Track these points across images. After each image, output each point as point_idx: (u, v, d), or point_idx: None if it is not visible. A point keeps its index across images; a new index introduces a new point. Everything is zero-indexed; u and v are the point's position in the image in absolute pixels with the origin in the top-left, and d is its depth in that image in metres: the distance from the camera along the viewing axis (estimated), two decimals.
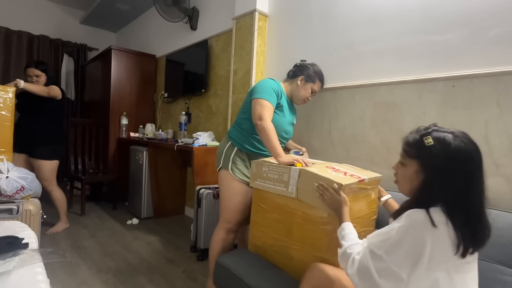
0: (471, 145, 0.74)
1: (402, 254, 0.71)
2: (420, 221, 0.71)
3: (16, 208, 1.61)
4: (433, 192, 0.74)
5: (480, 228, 0.73)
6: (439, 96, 1.38)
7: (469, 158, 0.73)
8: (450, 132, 0.76)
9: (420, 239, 0.70)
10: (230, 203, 1.54)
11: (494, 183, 1.21)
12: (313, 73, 1.61)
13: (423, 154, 0.77)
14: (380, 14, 1.62)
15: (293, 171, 1.21)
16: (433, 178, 0.75)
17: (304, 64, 1.65)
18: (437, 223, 0.69)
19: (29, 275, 0.86)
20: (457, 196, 0.72)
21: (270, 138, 1.38)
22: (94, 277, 1.80)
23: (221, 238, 1.56)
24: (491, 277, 0.98)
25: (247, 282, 1.20)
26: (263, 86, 1.48)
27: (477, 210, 0.73)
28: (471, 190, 0.73)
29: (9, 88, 1.92)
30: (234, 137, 1.57)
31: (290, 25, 2.13)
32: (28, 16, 4.01)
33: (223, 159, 1.56)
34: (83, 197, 2.97)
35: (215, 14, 2.79)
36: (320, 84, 1.66)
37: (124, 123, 3.37)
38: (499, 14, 1.23)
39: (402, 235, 0.72)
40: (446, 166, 0.73)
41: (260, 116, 1.41)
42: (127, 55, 3.45)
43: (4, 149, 1.86)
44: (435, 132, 0.77)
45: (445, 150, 0.74)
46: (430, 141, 0.75)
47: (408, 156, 0.81)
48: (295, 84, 1.61)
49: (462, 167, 0.73)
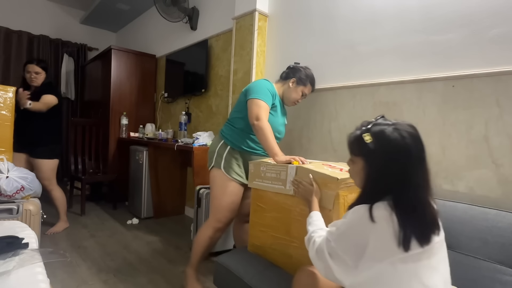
0: (410, 139, 0.74)
1: (347, 245, 0.76)
2: (361, 217, 0.73)
3: (16, 208, 1.61)
4: (375, 186, 0.76)
5: (424, 222, 0.72)
6: (439, 96, 1.38)
7: (407, 152, 0.73)
8: (392, 125, 0.76)
9: (362, 234, 0.73)
10: (223, 202, 1.55)
11: (494, 183, 1.21)
12: (305, 77, 1.64)
13: (364, 151, 0.79)
14: (380, 14, 1.62)
15: (290, 169, 1.23)
16: (374, 173, 0.77)
17: (296, 67, 1.67)
18: (377, 219, 0.71)
19: (29, 275, 0.86)
20: (398, 190, 0.73)
21: (268, 138, 1.40)
22: (94, 277, 1.80)
23: (208, 236, 1.57)
24: (491, 277, 0.98)
25: (247, 282, 1.20)
26: (259, 87, 1.50)
27: (420, 203, 0.73)
28: (411, 184, 0.73)
29: (9, 88, 1.92)
30: (227, 135, 1.58)
31: (290, 25, 2.13)
32: (28, 16, 4.01)
33: (216, 158, 1.57)
34: (83, 197, 2.97)
35: (215, 14, 2.79)
36: (311, 88, 1.69)
37: (124, 123, 3.37)
38: (499, 14, 1.23)
39: (346, 229, 0.77)
40: (384, 161, 0.74)
41: (257, 116, 1.42)
42: (127, 55, 3.45)
43: (4, 148, 1.86)
44: (375, 127, 0.78)
45: (383, 146, 0.75)
46: (368, 138, 0.77)
47: (352, 153, 0.84)
48: (286, 86, 1.63)
49: (399, 161, 0.73)
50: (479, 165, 1.25)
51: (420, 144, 0.75)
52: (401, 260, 0.71)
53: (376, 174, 0.77)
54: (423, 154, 0.75)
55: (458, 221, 1.10)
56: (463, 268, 1.03)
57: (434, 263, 0.74)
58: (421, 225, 0.72)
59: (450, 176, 1.33)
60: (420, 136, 0.76)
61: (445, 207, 1.16)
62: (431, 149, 1.39)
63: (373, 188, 0.77)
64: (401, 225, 0.70)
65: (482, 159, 1.25)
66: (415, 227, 0.70)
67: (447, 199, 1.21)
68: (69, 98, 4.38)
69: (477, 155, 1.26)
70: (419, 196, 0.73)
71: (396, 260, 0.71)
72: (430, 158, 1.39)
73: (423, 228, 0.72)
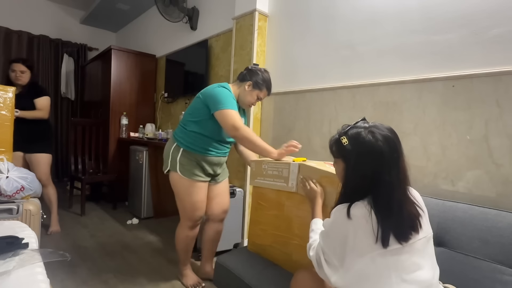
0: (383, 141, 0.77)
1: (332, 245, 0.81)
2: (340, 216, 0.78)
3: (16, 208, 1.61)
4: (353, 186, 0.81)
5: (401, 220, 0.75)
6: (439, 96, 1.38)
7: (379, 154, 0.76)
8: (368, 128, 0.80)
9: (342, 232, 0.78)
10: (187, 203, 1.59)
11: (494, 183, 1.21)
12: (262, 81, 1.60)
13: (342, 153, 0.84)
14: (380, 14, 1.62)
15: (293, 166, 1.24)
16: (351, 173, 0.81)
17: (254, 69, 1.64)
18: (354, 216, 0.75)
19: (29, 275, 0.86)
20: (375, 189, 0.76)
21: (255, 142, 1.42)
22: (94, 277, 1.80)
23: (185, 235, 1.66)
24: (491, 277, 0.98)
25: (247, 282, 1.20)
26: (224, 96, 1.47)
27: (396, 202, 0.75)
28: (385, 184, 0.76)
29: (9, 88, 1.92)
30: (179, 138, 1.57)
31: (290, 25, 2.13)
32: (28, 16, 4.01)
33: (170, 161, 1.58)
34: (83, 197, 2.97)
35: (215, 14, 2.79)
36: (267, 92, 1.64)
37: (124, 123, 3.37)
38: (499, 14, 1.23)
39: (329, 229, 0.84)
40: (359, 161, 0.79)
41: (235, 126, 1.41)
42: (127, 55, 3.44)
43: (4, 148, 1.86)
44: (352, 130, 0.82)
45: (357, 147, 0.79)
46: (345, 141, 0.82)
47: (333, 155, 0.89)
48: (243, 88, 1.61)
49: (373, 162, 0.77)
50: (479, 165, 1.25)
51: (394, 146, 0.78)
52: (380, 255, 0.74)
53: (353, 174, 0.81)
54: (396, 155, 0.78)
55: (458, 221, 1.10)
56: (463, 268, 1.03)
57: (417, 260, 0.77)
58: (398, 223, 0.75)
59: (450, 176, 1.33)
60: (394, 139, 0.79)
61: (445, 207, 1.16)
62: (431, 149, 1.40)
63: (351, 188, 0.81)
64: (379, 223, 0.73)
65: (482, 159, 1.24)
66: (392, 225, 0.74)
67: (447, 199, 1.21)
68: (69, 98, 4.39)
69: (477, 155, 1.26)
70: (394, 195, 0.76)
71: (376, 255, 0.74)
72: (430, 158, 1.40)
73: (400, 226, 0.75)
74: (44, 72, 4.12)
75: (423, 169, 1.42)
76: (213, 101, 1.46)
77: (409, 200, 0.79)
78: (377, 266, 0.74)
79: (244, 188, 2.22)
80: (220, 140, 1.57)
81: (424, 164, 1.42)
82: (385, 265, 0.74)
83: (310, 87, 1.96)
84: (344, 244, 0.77)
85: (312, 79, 1.97)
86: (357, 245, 0.76)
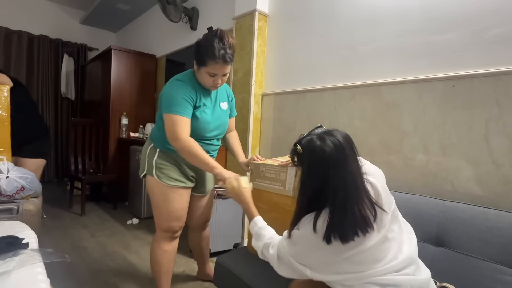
0: (331, 147, 0.79)
1: (299, 251, 0.84)
2: (308, 230, 0.80)
3: (16, 208, 1.60)
4: (308, 194, 0.82)
5: (344, 222, 0.76)
6: (439, 96, 1.38)
7: (326, 158, 0.78)
8: (319, 134, 0.83)
9: (310, 245, 0.81)
10: (164, 211, 1.37)
11: (494, 183, 1.21)
12: (204, 51, 1.23)
13: (298, 160, 0.87)
14: (380, 14, 1.62)
15: (290, 170, 1.23)
16: (305, 180, 0.83)
17: (197, 42, 1.28)
18: (318, 230, 0.78)
19: (29, 275, 0.86)
20: (327, 194, 0.78)
21: (195, 155, 1.22)
22: (94, 277, 1.80)
23: (164, 250, 1.40)
24: (491, 277, 0.98)
25: (247, 282, 1.20)
26: (170, 95, 1.25)
27: (338, 204, 0.77)
28: (330, 187, 0.78)
29: (4, 86, 1.90)
30: (155, 137, 1.40)
31: (290, 25, 2.13)
32: (28, 16, 4.01)
33: (147, 164, 1.38)
34: (83, 197, 2.97)
35: (215, 14, 2.79)
36: (216, 64, 1.22)
37: (124, 123, 3.37)
38: (499, 14, 1.23)
39: (297, 239, 0.84)
40: (310, 169, 0.82)
41: (173, 136, 1.22)
42: (127, 55, 3.45)
43: (3, 148, 1.86)
44: (306, 137, 0.85)
45: (308, 154, 0.82)
46: (299, 149, 0.84)
47: (294, 164, 0.90)
48: (196, 71, 1.32)
49: (321, 168, 0.79)
50: (479, 165, 1.25)
51: (342, 151, 0.79)
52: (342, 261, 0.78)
53: (307, 182, 0.83)
54: (343, 158, 0.79)
55: (458, 221, 1.10)
56: (463, 268, 1.03)
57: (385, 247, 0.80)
58: (340, 225, 0.76)
59: (450, 176, 1.33)
60: (343, 143, 0.80)
61: (445, 207, 1.16)
62: (431, 149, 1.40)
63: (307, 196, 0.83)
64: (326, 224, 0.77)
65: (482, 159, 1.24)
66: (335, 225, 0.76)
67: (447, 199, 1.21)
68: (69, 98, 4.39)
69: (477, 155, 1.26)
70: (337, 197, 0.77)
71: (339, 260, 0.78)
72: (430, 158, 1.39)
73: (342, 227, 0.76)
74: (44, 72, 4.12)
75: (423, 169, 1.42)
76: (163, 101, 1.28)
77: (359, 201, 0.78)
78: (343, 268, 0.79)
79: None
80: (199, 138, 1.33)
81: (424, 164, 1.42)
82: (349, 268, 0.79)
83: (310, 87, 1.96)
84: (311, 252, 0.81)
85: (312, 79, 1.97)
86: (321, 256, 0.80)
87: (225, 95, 1.47)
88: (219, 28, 1.27)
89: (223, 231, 2.08)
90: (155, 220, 1.41)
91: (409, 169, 1.46)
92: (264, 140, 2.29)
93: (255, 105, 2.25)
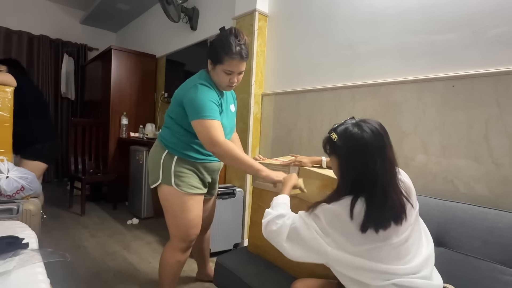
0: (369, 133, 0.80)
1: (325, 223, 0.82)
2: (342, 214, 0.79)
3: (16, 208, 1.60)
4: (347, 178, 0.83)
5: (383, 209, 0.77)
6: (439, 96, 1.38)
7: (364, 144, 0.79)
8: (355, 122, 0.84)
9: (339, 225, 0.80)
10: (182, 221, 1.33)
11: (494, 183, 1.21)
12: (219, 48, 1.21)
13: (333, 149, 0.87)
14: (380, 14, 1.62)
15: (292, 169, 1.24)
16: (344, 168, 0.84)
17: (212, 41, 1.27)
18: (355, 216, 0.77)
19: (29, 275, 0.86)
20: (365, 181, 0.79)
21: (238, 159, 1.18)
22: (94, 277, 1.80)
23: (177, 260, 1.37)
24: (491, 277, 0.98)
25: (247, 282, 1.20)
26: (201, 101, 1.20)
27: (379, 190, 0.77)
28: (370, 173, 0.78)
29: (7, 88, 1.91)
30: (170, 144, 1.32)
31: (290, 25, 2.13)
32: (28, 16, 4.01)
33: (163, 173, 1.31)
34: (83, 197, 2.97)
35: (215, 14, 2.79)
36: (232, 60, 1.21)
37: (124, 123, 3.37)
38: (499, 14, 1.23)
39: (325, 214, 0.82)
40: (349, 155, 0.82)
41: (212, 141, 1.17)
42: (127, 55, 3.44)
43: (4, 149, 1.86)
44: (341, 126, 0.85)
45: (346, 141, 0.82)
46: (334, 136, 0.84)
47: (327, 153, 0.90)
48: (211, 71, 1.31)
49: (360, 154, 0.80)
50: (479, 165, 1.25)
51: (380, 137, 0.80)
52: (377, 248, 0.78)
53: (346, 169, 0.83)
54: (382, 145, 0.80)
55: (458, 221, 1.10)
56: (463, 268, 1.03)
57: (408, 246, 0.81)
58: (380, 212, 0.77)
59: (450, 176, 1.33)
60: (380, 130, 0.82)
61: (445, 207, 1.16)
62: (431, 149, 1.40)
63: (347, 182, 0.83)
64: (364, 210, 0.77)
65: (482, 159, 1.24)
66: (375, 213, 0.76)
67: (447, 199, 1.21)
68: (69, 98, 4.39)
69: (477, 155, 1.26)
70: (378, 182, 0.78)
71: (364, 249, 0.79)
72: (430, 158, 1.39)
73: (382, 214, 0.77)
74: (44, 72, 4.12)
75: (423, 169, 1.42)
76: (190, 107, 1.22)
77: (396, 189, 0.80)
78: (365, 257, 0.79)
79: (244, 188, 2.22)
80: None
81: (424, 164, 1.42)
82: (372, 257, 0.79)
83: (310, 87, 1.96)
84: (338, 231, 0.81)
85: (312, 79, 1.97)
86: (350, 238, 0.80)
87: (231, 97, 1.47)
88: (232, 27, 1.29)
89: (223, 231, 2.08)
90: (171, 230, 1.37)
91: (409, 169, 1.46)
92: (264, 140, 2.29)
93: (255, 105, 2.25)
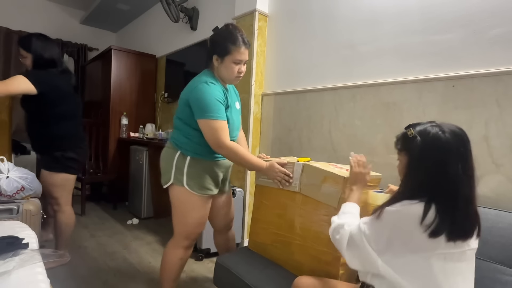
0: (450, 134, 0.75)
1: (380, 232, 0.78)
2: (409, 217, 0.74)
3: (16, 208, 1.60)
4: (416, 178, 0.78)
5: (462, 217, 0.73)
6: (439, 96, 1.38)
7: (445, 145, 0.75)
8: (435, 124, 0.79)
9: (400, 229, 0.75)
10: (190, 219, 1.35)
11: (494, 183, 1.21)
12: (224, 40, 1.25)
13: (407, 145, 0.82)
14: (380, 14, 1.62)
15: (297, 166, 1.24)
16: (414, 166, 0.79)
17: (213, 35, 1.31)
18: (427, 219, 0.71)
19: (29, 275, 0.86)
20: (437, 186, 0.74)
21: (242, 158, 1.25)
22: (94, 277, 1.80)
23: (179, 257, 1.38)
24: (491, 277, 0.98)
25: (247, 282, 1.20)
26: (206, 100, 1.21)
27: (462, 198, 0.73)
28: (451, 177, 0.74)
29: None
30: (183, 144, 1.33)
31: (290, 25, 2.13)
32: (28, 16, 4.00)
33: (175, 173, 1.32)
34: (83, 197, 2.97)
35: (215, 14, 2.79)
36: (239, 48, 1.25)
37: (124, 123, 3.37)
38: (499, 14, 1.23)
39: (387, 220, 0.77)
40: (424, 154, 0.77)
41: (217, 144, 1.22)
42: (127, 55, 3.44)
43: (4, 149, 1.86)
44: (419, 125, 0.81)
45: (423, 139, 0.78)
46: (411, 133, 0.81)
47: (398, 150, 0.87)
48: (215, 67, 1.33)
49: (438, 155, 0.75)
50: (479, 165, 1.24)
51: (462, 141, 0.76)
52: (435, 256, 0.73)
53: (417, 167, 0.78)
54: (464, 150, 0.76)
55: None
56: None
57: (461, 270, 0.76)
58: (458, 219, 0.72)
59: None
60: (462, 134, 0.77)
61: None
62: None
63: (414, 182, 0.78)
64: (437, 215, 0.71)
65: (482, 159, 1.24)
66: (451, 220, 0.71)
67: None
68: None
69: (477, 155, 1.25)
70: (461, 190, 0.73)
71: (430, 255, 0.73)
72: None
73: (459, 223, 0.72)
74: None
75: None
76: (196, 106, 1.23)
77: (475, 199, 0.75)
78: (427, 265, 0.73)
79: (244, 188, 2.22)
80: None
81: None
82: (437, 266, 0.73)
83: (311, 87, 1.96)
84: (396, 238, 0.76)
85: (312, 79, 1.97)
86: (410, 243, 0.74)
87: (234, 94, 1.47)
88: (227, 22, 1.34)
89: None
90: (177, 227, 1.38)
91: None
92: (264, 140, 2.29)
93: (255, 105, 2.25)
